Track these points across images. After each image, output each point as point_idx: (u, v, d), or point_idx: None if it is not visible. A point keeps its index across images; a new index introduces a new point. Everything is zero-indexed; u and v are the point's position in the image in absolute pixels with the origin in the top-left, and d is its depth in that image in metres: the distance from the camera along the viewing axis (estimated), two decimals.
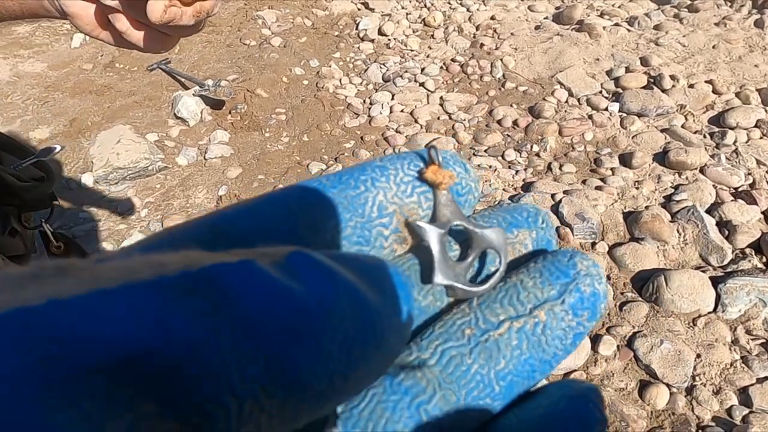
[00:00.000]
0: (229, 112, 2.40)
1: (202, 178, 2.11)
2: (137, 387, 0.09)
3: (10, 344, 0.08)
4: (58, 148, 0.65)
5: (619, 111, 2.25)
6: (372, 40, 2.89)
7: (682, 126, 2.15)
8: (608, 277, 1.64)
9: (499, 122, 2.29)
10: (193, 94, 2.43)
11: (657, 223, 1.71)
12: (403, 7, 3.14)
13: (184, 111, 2.35)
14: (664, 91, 2.27)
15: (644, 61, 2.45)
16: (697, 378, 1.38)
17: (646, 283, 1.59)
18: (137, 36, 0.47)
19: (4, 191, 0.55)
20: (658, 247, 1.69)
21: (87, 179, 2.08)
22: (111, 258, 0.12)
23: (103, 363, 0.09)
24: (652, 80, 2.34)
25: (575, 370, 1.42)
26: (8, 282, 0.10)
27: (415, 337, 0.16)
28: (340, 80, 2.63)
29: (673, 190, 1.89)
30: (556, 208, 1.81)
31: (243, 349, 0.10)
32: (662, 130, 2.14)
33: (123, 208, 1.99)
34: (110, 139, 2.14)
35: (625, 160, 2.03)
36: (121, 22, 0.46)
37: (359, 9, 3.14)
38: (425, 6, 3.13)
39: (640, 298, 1.58)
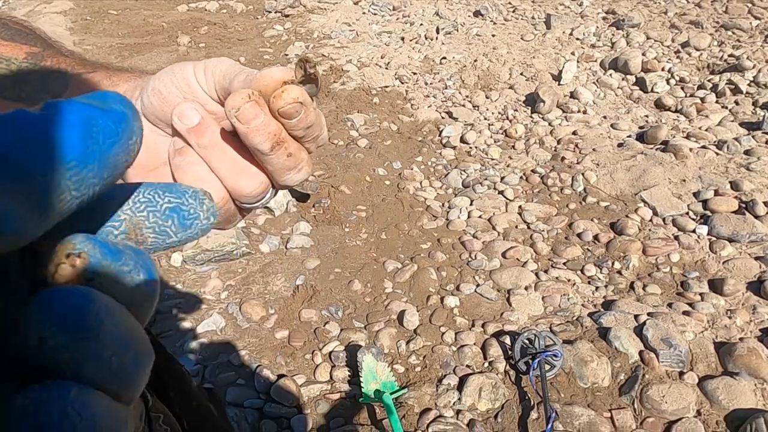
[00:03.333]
0: (313, 206, 2.51)
1: (281, 266, 2.19)
2: None
3: None
4: None
5: (708, 234, 2.17)
6: (454, 147, 3.00)
7: None
8: (698, 413, 1.51)
9: (579, 236, 2.26)
10: None
11: (754, 358, 1.59)
12: (485, 118, 3.27)
13: (272, 201, 2.48)
14: (757, 217, 2.18)
15: (735, 186, 2.38)
16: None
17: (742, 424, 1.45)
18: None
19: None
20: (755, 384, 1.55)
21: (176, 258, 2.20)
22: None
23: None
24: (743, 205, 2.26)
25: None
26: None
27: None
28: (421, 183, 2.71)
29: None
30: (639, 331, 1.72)
31: None
32: (756, 258, 2.03)
33: (205, 289, 2.07)
34: None
35: (716, 286, 1.93)
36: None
37: (443, 117, 3.29)
38: (507, 118, 3.24)
39: None
